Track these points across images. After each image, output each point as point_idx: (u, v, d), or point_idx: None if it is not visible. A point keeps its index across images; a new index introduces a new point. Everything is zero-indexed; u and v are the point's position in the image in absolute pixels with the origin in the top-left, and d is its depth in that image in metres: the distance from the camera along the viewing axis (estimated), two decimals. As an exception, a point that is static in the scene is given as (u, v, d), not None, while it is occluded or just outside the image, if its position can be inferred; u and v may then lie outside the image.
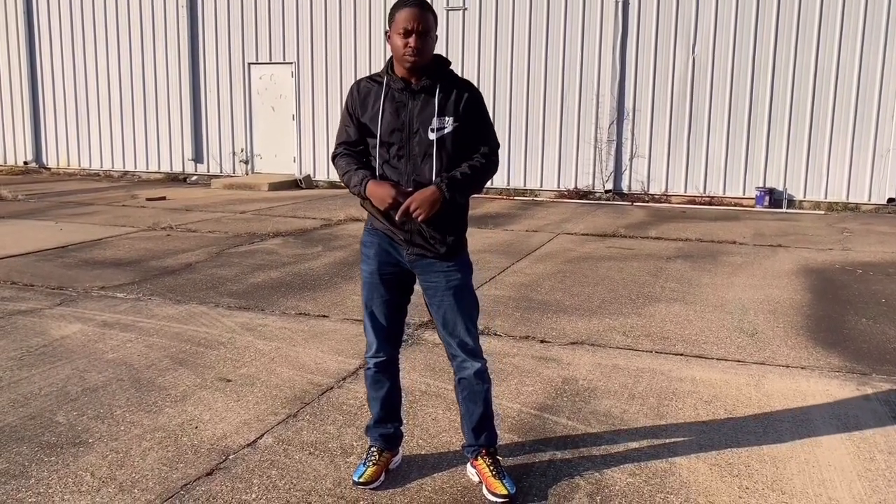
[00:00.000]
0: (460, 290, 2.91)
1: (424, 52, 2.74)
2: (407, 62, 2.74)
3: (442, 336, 2.99)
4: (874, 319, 5.51)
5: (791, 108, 11.98)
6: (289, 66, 14.64)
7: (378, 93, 2.84)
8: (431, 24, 2.75)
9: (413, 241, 2.86)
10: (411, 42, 2.71)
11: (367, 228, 3.00)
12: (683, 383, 4.18)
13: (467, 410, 3.01)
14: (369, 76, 2.93)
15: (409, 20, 2.70)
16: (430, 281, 2.91)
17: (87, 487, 2.98)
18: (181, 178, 15.72)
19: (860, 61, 11.58)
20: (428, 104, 2.79)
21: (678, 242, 8.70)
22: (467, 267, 2.97)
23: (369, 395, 3.11)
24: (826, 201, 11.98)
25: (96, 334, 4.97)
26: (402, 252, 2.90)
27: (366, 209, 2.96)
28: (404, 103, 2.81)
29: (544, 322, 5.36)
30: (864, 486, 3.06)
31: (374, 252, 2.94)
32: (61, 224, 9.59)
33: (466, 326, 2.92)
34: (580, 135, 13.07)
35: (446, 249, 2.87)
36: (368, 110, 2.84)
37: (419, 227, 2.83)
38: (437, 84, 2.80)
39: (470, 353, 2.95)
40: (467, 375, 2.96)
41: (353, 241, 8.56)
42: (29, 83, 16.69)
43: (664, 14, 12.39)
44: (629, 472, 3.16)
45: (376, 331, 3.01)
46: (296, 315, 5.49)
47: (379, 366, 3.04)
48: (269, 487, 2.99)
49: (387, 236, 2.92)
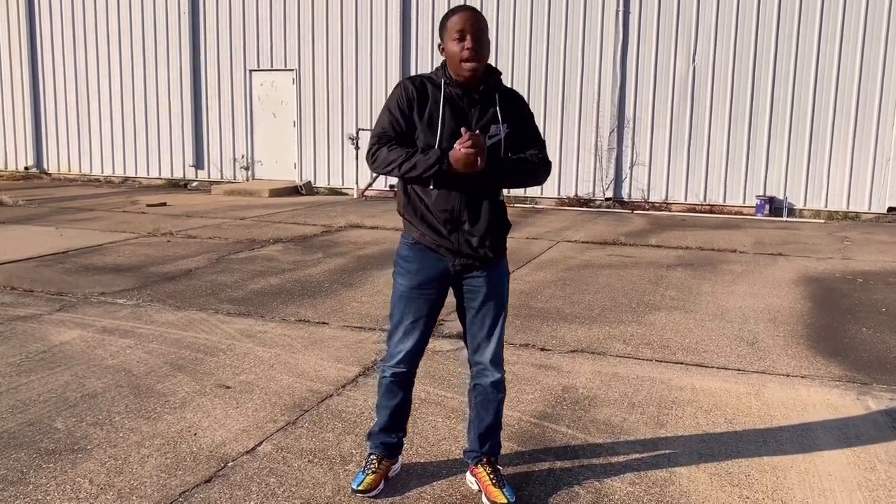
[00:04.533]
0: (500, 294, 2.90)
1: (482, 54, 2.72)
2: (466, 68, 2.71)
3: (470, 342, 2.96)
4: (874, 329, 5.50)
5: (791, 117, 12.01)
6: (290, 73, 14.67)
7: (436, 94, 2.79)
8: (485, 26, 2.75)
9: (461, 251, 2.83)
10: (468, 44, 2.69)
11: (406, 242, 2.92)
12: (683, 392, 4.17)
13: (477, 416, 3.00)
14: (421, 75, 2.87)
15: (463, 22, 2.70)
16: (472, 285, 2.88)
17: (86, 494, 2.97)
18: (182, 183, 15.73)
19: (860, 70, 11.61)
20: (487, 112, 2.80)
21: (678, 251, 8.70)
22: (506, 274, 2.96)
23: (379, 402, 3.06)
24: (826, 210, 11.99)
25: (96, 340, 4.96)
26: (449, 264, 2.86)
27: (407, 219, 2.89)
28: (465, 111, 2.78)
29: (544, 330, 5.35)
30: (865, 497, 3.05)
31: (417, 268, 2.87)
32: (62, 229, 9.59)
33: (497, 334, 2.91)
34: (581, 142, 13.09)
35: (492, 254, 2.86)
36: (425, 109, 2.77)
37: (467, 238, 2.81)
38: (495, 92, 2.82)
39: (494, 362, 2.93)
40: (485, 383, 2.95)
41: (354, 247, 8.56)
42: (30, 88, 16.72)
43: (665, 23, 12.42)
44: (629, 481, 3.14)
45: (405, 343, 2.93)
46: (295, 322, 5.49)
47: (397, 376, 2.98)
48: (267, 495, 2.98)
49: (431, 249, 2.86)
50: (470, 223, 2.81)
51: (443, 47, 2.79)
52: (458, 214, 2.80)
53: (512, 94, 2.90)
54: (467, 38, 2.69)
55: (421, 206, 2.84)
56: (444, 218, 2.80)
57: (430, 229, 2.83)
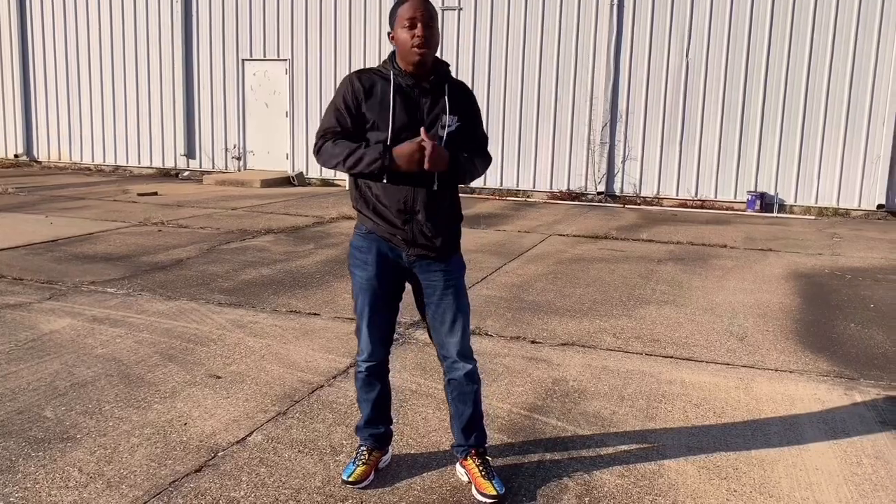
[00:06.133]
0: (457, 290, 2.92)
1: (432, 42, 2.72)
2: (416, 54, 2.71)
3: (435, 337, 2.98)
4: (862, 324, 5.54)
5: (783, 113, 12.05)
6: (283, 63, 14.61)
7: (385, 87, 2.78)
8: (435, 15, 2.76)
9: (415, 241, 2.84)
10: (418, 32, 2.69)
11: (359, 233, 2.94)
12: (673, 386, 4.19)
13: (457, 411, 3.01)
14: (369, 69, 2.87)
15: (414, 10, 2.70)
16: (429, 280, 2.90)
17: (75, 483, 2.97)
18: (173, 173, 15.66)
19: (852, 67, 11.65)
20: (438, 102, 2.80)
21: (669, 245, 8.73)
22: (462, 267, 2.99)
23: (360, 396, 3.09)
24: (816, 206, 12.05)
25: (86, 329, 4.95)
26: (402, 254, 2.88)
27: (359, 210, 2.91)
28: (415, 100, 2.78)
29: (535, 323, 5.37)
30: (851, 490, 3.08)
31: (373, 258, 2.89)
32: (51, 218, 9.54)
33: (461, 327, 2.92)
34: (573, 136, 13.10)
35: (447, 247, 2.88)
36: (374, 103, 2.77)
37: (421, 228, 2.82)
38: (445, 83, 2.83)
39: (462, 354, 2.94)
40: (457, 376, 2.96)
41: (346, 238, 8.54)
42: (20, 76, 16.58)
43: (658, 17, 12.43)
44: (618, 473, 3.16)
45: (372, 336, 2.96)
46: (287, 312, 5.48)
47: (371, 369, 3.01)
48: (257, 485, 2.98)
49: (385, 239, 2.87)
50: (424, 214, 2.82)
51: (392, 35, 2.78)
52: (411, 205, 2.81)
53: (461, 86, 2.90)
54: (418, 25, 2.69)
55: (373, 198, 2.85)
56: (397, 209, 2.81)
57: (384, 220, 2.85)
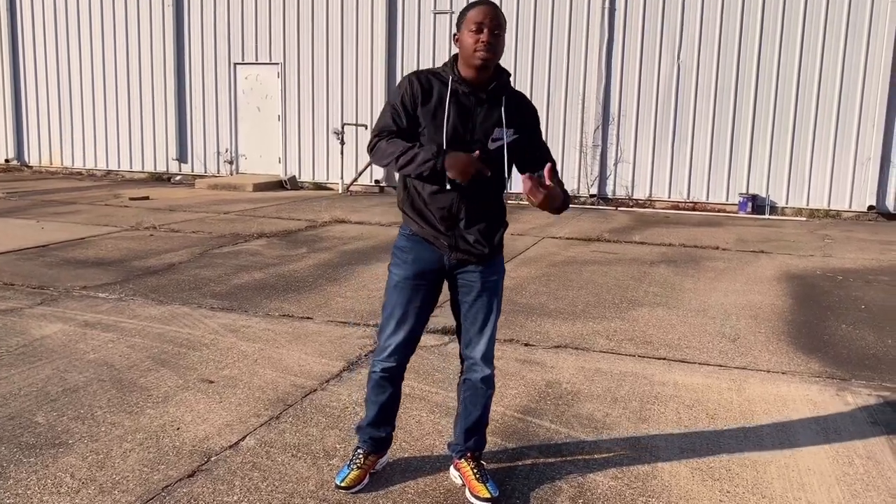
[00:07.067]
0: (494, 291, 2.91)
1: (497, 49, 2.69)
2: (478, 59, 2.68)
3: (463, 335, 2.96)
4: (854, 325, 5.56)
5: (774, 116, 12.10)
6: (275, 67, 14.59)
7: (442, 91, 2.76)
8: (504, 24, 2.72)
9: (457, 247, 2.83)
10: (483, 37, 2.66)
11: (403, 234, 2.92)
12: (666, 387, 4.20)
13: (465, 411, 3.01)
14: (429, 70, 2.83)
15: (482, 15, 2.67)
16: (467, 280, 2.88)
17: (67, 489, 2.95)
18: (165, 177, 15.61)
19: (842, 70, 11.71)
20: (492, 113, 2.77)
21: (662, 247, 8.75)
22: (502, 269, 2.97)
23: (368, 397, 3.05)
24: (808, 208, 12.10)
25: (77, 334, 4.92)
26: (445, 258, 2.86)
27: (404, 212, 2.89)
28: (470, 109, 2.76)
29: (528, 325, 5.37)
30: (843, 491, 3.09)
31: (413, 258, 2.87)
32: (43, 223, 9.49)
33: (490, 330, 2.91)
34: (565, 139, 13.12)
35: (489, 251, 2.86)
36: (430, 106, 2.75)
37: (463, 234, 2.81)
38: (503, 93, 2.79)
39: (485, 357, 2.93)
40: (474, 378, 2.95)
41: (338, 242, 8.54)
42: (11, 80, 16.51)
43: (650, 20, 12.47)
44: (611, 475, 3.17)
45: (397, 336, 2.92)
46: (279, 317, 5.47)
47: (388, 371, 2.97)
48: (251, 489, 2.98)
49: (428, 242, 2.86)
50: (467, 222, 2.82)
51: (457, 37, 2.75)
52: (455, 212, 2.80)
53: (519, 97, 2.86)
54: (484, 31, 2.66)
55: (419, 201, 2.84)
56: (440, 215, 2.81)
57: (428, 224, 2.84)
